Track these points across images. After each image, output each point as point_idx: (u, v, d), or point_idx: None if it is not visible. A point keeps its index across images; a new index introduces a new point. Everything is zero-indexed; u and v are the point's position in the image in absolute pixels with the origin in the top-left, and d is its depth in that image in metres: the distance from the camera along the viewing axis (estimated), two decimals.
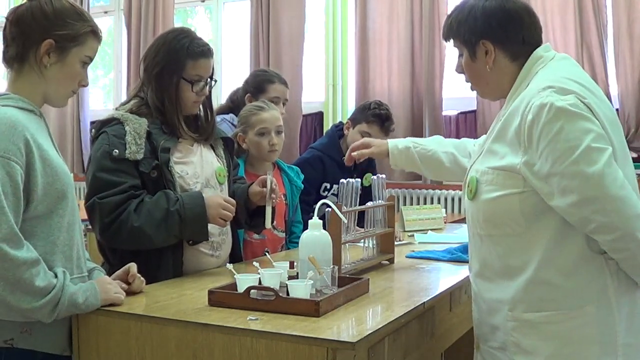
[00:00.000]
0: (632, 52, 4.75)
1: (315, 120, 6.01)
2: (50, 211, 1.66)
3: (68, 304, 1.62)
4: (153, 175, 2.09)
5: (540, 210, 1.63)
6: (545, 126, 1.57)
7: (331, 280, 1.78)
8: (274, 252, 2.73)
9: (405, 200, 5.57)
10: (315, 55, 5.98)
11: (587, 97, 1.60)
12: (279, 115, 2.86)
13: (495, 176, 1.68)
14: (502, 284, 1.72)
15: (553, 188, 1.57)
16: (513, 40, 1.74)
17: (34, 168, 1.61)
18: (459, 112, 5.56)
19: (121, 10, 6.88)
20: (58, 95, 1.75)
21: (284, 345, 1.48)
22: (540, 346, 1.66)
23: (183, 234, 2.08)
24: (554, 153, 1.56)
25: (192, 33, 2.24)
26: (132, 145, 2.06)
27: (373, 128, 3.17)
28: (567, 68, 1.72)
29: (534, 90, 1.64)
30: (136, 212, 2.02)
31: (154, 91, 2.18)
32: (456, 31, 1.78)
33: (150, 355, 1.63)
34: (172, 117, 2.18)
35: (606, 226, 1.54)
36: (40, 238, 1.64)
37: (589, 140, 1.54)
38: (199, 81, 2.19)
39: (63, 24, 1.70)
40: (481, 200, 1.72)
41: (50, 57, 1.69)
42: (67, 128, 6.94)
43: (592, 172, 1.52)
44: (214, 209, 2.10)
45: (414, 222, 3.33)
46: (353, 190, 2.18)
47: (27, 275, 1.55)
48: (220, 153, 2.36)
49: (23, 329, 1.65)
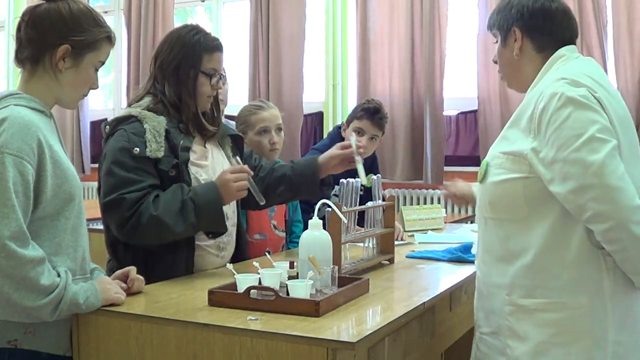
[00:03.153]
0: (632, 52, 4.76)
1: (316, 120, 6.01)
2: (57, 213, 1.66)
3: (70, 303, 1.62)
4: (172, 174, 2.08)
5: (543, 198, 1.66)
6: (554, 114, 1.62)
7: (331, 280, 1.78)
8: (275, 252, 2.73)
9: (405, 200, 5.57)
10: (315, 55, 5.99)
11: (598, 92, 1.65)
12: (278, 114, 2.87)
13: (505, 160, 1.73)
14: (501, 268, 1.75)
15: (555, 174, 1.61)
16: (541, 31, 1.80)
17: (45, 169, 1.61)
18: (460, 112, 5.57)
19: (121, 10, 6.88)
20: (70, 98, 1.77)
21: (284, 345, 1.48)
22: (533, 332, 1.69)
23: (200, 222, 2.05)
24: (559, 140, 1.61)
25: (203, 28, 2.24)
26: (153, 143, 2.05)
27: (364, 122, 3.17)
28: (586, 66, 1.77)
29: (549, 81, 1.70)
30: (154, 204, 2.01)
31: (171, 87, 2.17)
32: (495, 17, 1.87)
33: (150, 355, 1.63)
34: (189, 112, 2.17)
35: (601, 215, 1.56)
36: (46, 239, 1.64)
37: (594, 130, 1.58)
38: (215, 75, 2.20)
39: (80, 29, 1.71)
40: (488, 183, 1.77)
41: (66, 61, 1.70)
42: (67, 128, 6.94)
43: (593, 161, 1.56)
44: (225, 187, 2.06)
45: (414, 222, 3.33)
46: (353, 190, 2.18)
47: (33, 274, 1.56)
48: (229, 153, 2.35)
49: (27, 329, 1.65)
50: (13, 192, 1.54)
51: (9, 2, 7.43)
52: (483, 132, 5.23)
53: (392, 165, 5.55)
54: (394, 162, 5.55)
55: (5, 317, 1.62)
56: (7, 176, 1.54)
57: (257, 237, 2.75)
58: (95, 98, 7.33)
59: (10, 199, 1.54)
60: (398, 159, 5.54)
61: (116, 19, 7.03)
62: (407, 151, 5.51)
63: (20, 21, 1.73)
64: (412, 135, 5.51)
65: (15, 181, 1.55)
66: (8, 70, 7.29)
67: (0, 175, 1.54)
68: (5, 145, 1.56)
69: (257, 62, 6.01)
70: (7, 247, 1.52)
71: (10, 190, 1.54)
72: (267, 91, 5.93)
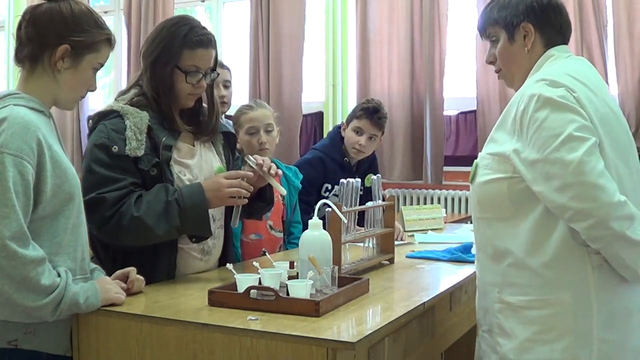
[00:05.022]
0: (632, 52, 4.75)
1: (315, 120, 6.01)
2: (57, 212, 1.66)
3: (70, 303, 1.63)
4: (152, 173, 2.00)
5: (527, 197, 1.68)
6: (533, 115, 1.64)
7: (331, 280, 1.78)
8: (272, 252, 2.72)
9: (405, 200, 5.57)
10: (315, 55, 5.98)
11: (577, 91, 1.66)
12: (269, 114, 2.85)
13: (491, 161, 1.75)
14: (492, 267, 1.78)
15: (537, 174, 1.63)
16: (552, 25, 1.82)
17: (44, 169, 1.61)
18: (459, 112, 5.56)
19: (121, 10, 6.88)
20: (68, 99, 1.76)
21: (284, 345, 1.48)
22: (518, 329, 1.71)
23: (184, 225, 1.97)
24: (539, 141, 1.63)
25: (194, 21, 2.13)
26: (133, 141, 1.97)
27: (363, 122, 3.18)
28: (572, 66, 1.78)
29: (531, 82, 1.72)
30: (136, 204, 1.94)
31: (149, 80, 2.09)
32: (497, 15, 1.85)
33: (150, 355, 1.63)
34: (167, 108, 2.08)
35: (581, 213, 1.58)
36: (46, 239, 1.64)
37: (572, 129, 1.60)
38: (196, 72, 2.07)
39: (81, 30, 1.71)
40: (476, 183, 1.79)
41: (65, 62, 1.70)
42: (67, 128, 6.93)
43: (571, 159, 1.57)
44: (215, 192, 2.00)
45: (414, 222, 3.33)
46: (353, 190, 2.18)
47: (34, 274, 1.55)
48: (220, 150, 2.28)
49: (27, 330, 1.65)
50: (13, 192, 1.54)
51: (9, 1, 7.42)
52: (482, 132, 5.22)
53: (391, 165, 5.54)
54: (393, 162, 5.55)
55: (6, 317, 1.62)
56: (7, 176, 1.54)
57: (252, 237, 2.75)
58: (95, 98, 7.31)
59: (11, 199, 1.53)
60: (398, 159, 5.53)
61: (116, 19, 7.02)
62: (406, 151, 5.50)
63: (21, 20, 1.73)
64: (411, 135, 5.51)
65: (15, 181, 1.55)
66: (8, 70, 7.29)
67: (0, 175, 1.54)
68: (5, 145, 1.56)
69: (257, 62, 6.00)
70: (8, 247, 1.52)
71: (11, 190, 1.54)
72: (267, 91, 5.93)
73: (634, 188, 1.71)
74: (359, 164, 3.31)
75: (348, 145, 3.23)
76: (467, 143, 5.55)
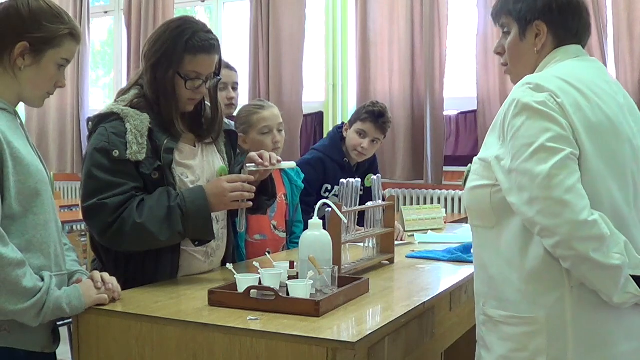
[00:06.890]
0: (632, 52, 4.76)
1: (316, 120, 6.01)
2: (25, 210, 1.63)
3: (54, 307, 1.60)
4: (154, 177, 1.98)
5: (507, 206, 1.58)
6: (511, 121, 1.55)
7: (331, 280, 1.78)
8: (276, 252, 2.72)
9: (405, 200, 5.58)
10: (315, 55, 5.99)
11: (562, 97, 1.54)
12: (278, 113, 2.85)
13: (479, 166, 1.66)
14: (480, 276, 1.72)
15: (512, 184, 1.54)
16: (567, 28, 1.69)
17: (6, 165, 1.58)
18: (459, 112, 5.57)
19: (121, 10, 6.88)
20: (33, 96, 1.73)
21: (284, 345, 1.48)
22: (497, 345, 1.64)
23: (187, 230, 1.96)
24: (514, 149, 1.53)
25: (198, 24, 2.07)
26: (134, 145, 1.94)
27: (367, 125, 3.17)
28: (571, 68, 1.65)
29: (518, 85, 1.62)
30: (138, 210, 1.92)
31: (149, 83, 2.05)
32: (512, 6, 1.72)
33: (150, 355, 1.63)
34: (167, 112, 2.04)
35: (546, 229, 1.48)
36: (15, 236, 1.60)
37: (544, 139, 1.49)
38: (196, 79, 2.04)
39: (38, 26, 1.67)
40: (466, 189, 1.71)
41: (25, 59, 1.67)
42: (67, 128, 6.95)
43: (539, 172, 1.47)
44: (219, 197, 1.98)
45: (414, 222, 3.33)
46: (353, 191, 2.18)
47: (14, 276, 1.53)
48: (222, 148, 2.25)
49: (1, 327, 1.61)
50: None
51: None
52: (482, 132, 5.22)
53: (392, 165, 5.55)
54: (394, 162, 5.55)
55: None
56: None
57: (256, 238, 2.75)
58: (95, 98, 7.32)
59: None
60: (398, 159, 5.54)
61: (116, 19, 7.03)
62: (407, 151, 5.51)
63: None
64: (412, 135, 5.51)
65: None
66: None
67: None
68: None
69: (257, 62, 6.01)
70: None
71: None
72: (267, 91, 5.94)
73: (628, 202, 1.57)
74: (359, 164, 3.31)
75: (350, 146, 3.22)
76: (467, 143, 5.55)
